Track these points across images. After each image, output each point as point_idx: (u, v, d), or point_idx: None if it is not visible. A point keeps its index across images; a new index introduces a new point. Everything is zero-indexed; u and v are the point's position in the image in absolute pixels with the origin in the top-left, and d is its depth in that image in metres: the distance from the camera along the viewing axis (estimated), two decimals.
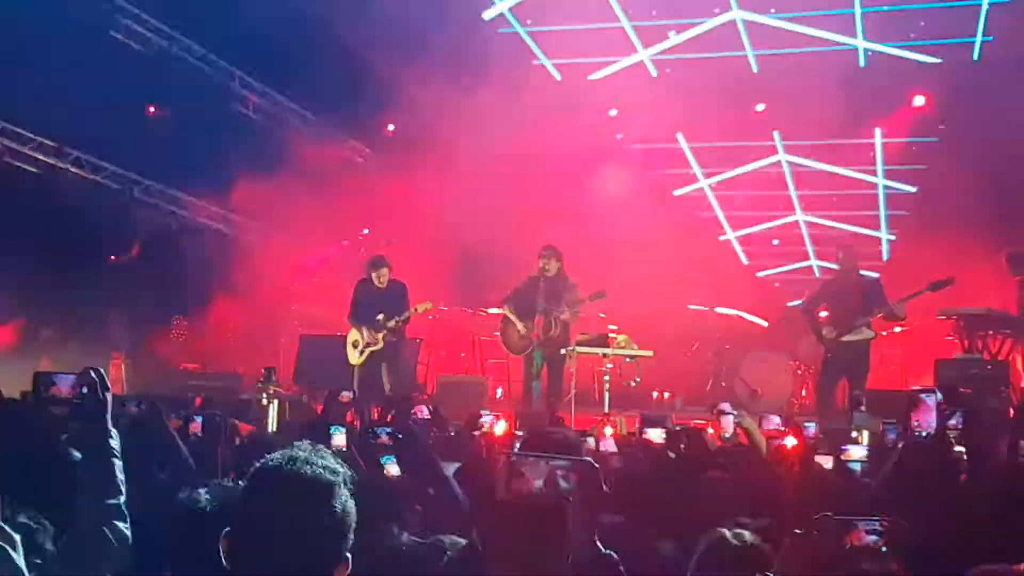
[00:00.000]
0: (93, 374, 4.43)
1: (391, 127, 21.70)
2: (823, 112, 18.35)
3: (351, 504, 3.03)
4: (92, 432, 4.35)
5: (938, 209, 18.41)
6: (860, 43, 17.90)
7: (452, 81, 18.09)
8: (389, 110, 20.78)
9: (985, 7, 16.34)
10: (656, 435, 8.42)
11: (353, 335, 14.29)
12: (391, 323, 13.92)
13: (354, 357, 14.19)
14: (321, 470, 3.00)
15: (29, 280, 15.24)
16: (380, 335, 13.95)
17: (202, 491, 3.88)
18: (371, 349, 14.05)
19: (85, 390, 4.43)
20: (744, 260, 24.38)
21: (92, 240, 17.60)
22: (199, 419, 7.29)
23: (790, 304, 21.85)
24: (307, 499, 2.96)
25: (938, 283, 12.74)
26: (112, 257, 18.72)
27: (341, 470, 3.05)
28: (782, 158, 21.40)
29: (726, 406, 8.87)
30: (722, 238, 23.95)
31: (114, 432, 4.35)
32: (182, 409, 8.48)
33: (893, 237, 22.46)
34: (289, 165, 18.66)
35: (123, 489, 4.23)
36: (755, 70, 18.89)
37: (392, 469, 6.28)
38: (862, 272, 14.45)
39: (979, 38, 17.14)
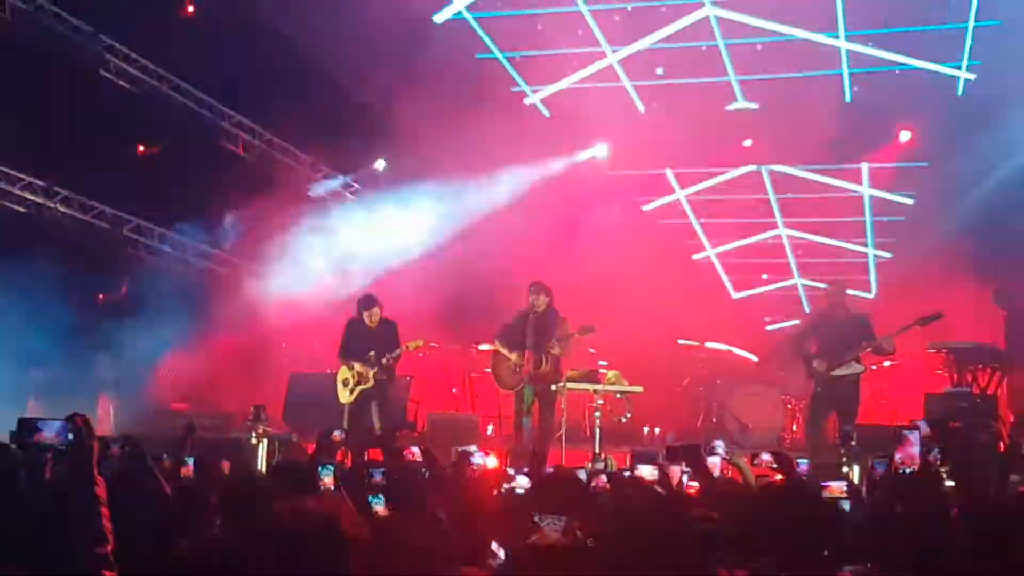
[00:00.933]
0: (78, 420, 4.40)
1: (381, 164, 21.74)
2: (810, 147, 18.47)
3: None
4: (78, 480, 4.31)
5: (926, 243, 18.48)
6: (845, 72, 17.94)
7: (441, 117, 18.12)
8: (379, 146, 20.82)
9: (969, 43, 16.42)
10: (648, 472, 8.39)
11: (343, 373, 14.24)
12: (383, 361, 13.87)
13: (344, 395, 14.13)
14: None
15: (18, 319, 15.21)
16: (371, 373, 13.89)
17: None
18: (362, 387, 13.98)
19: (70, 436, 4.39)
20: (731, 290, 24.44)
21: (81, 279, 17.58)
22: (190, 461, 7.27)
23: (770, 328, 21.97)
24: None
25: (927, 318, 12.76)
26: (101, 296, 18.70)
27: None
28: (768, 188, 21.48)
29: (718, 444, 8.80)
30: (699, 256, 23.92)
31: (100, 480, 4.31)
32: (171, 449, 8.44)
33: (889, 254, 22.43)
34: (279, 202, 18.69)
35: (110, 538, 4.19)
36: (742, 106, 18.92)
37: (380, 508, 6.26)
38: (851, 297, 14.45)
39: (963, 73, 17.20)
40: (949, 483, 6.86)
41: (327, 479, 6.96)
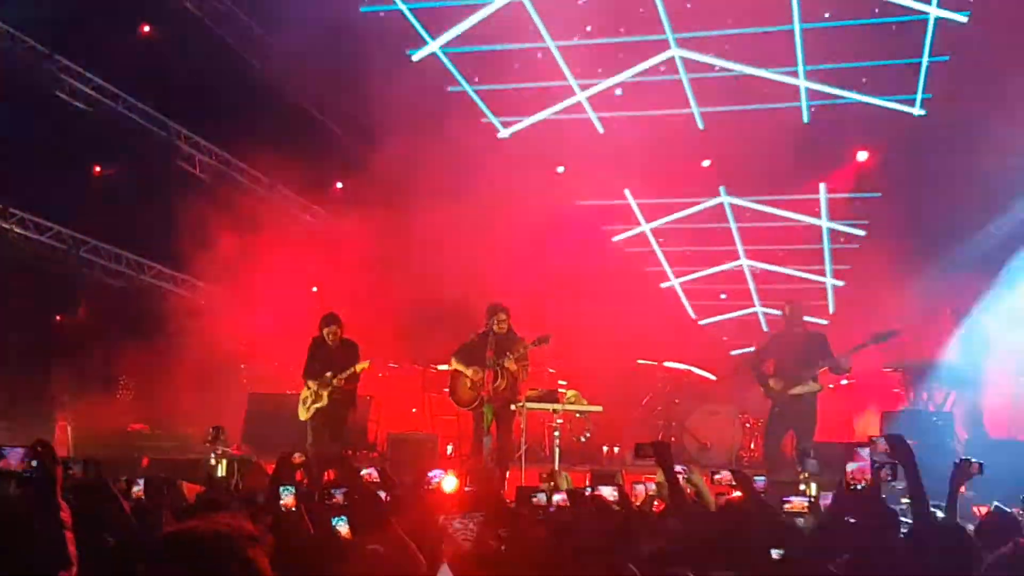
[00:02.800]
0: (40, 448, 4.41)
1: (339, 185, 21.73)
2: (768, 168, 18.58)
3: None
4: (42, 506, 4.32)
5: (883, 260, 18.61)
6: (803, 100, 18.10)
7: (400, 139, 18.15)
8: (338, 168, 20.81)
9: (925, 65, 16.59)
10: (608, 492, 8.44)
11: (304, 392, 14.26)
12: (335, 380, 13.90)
13: (303, 413, 14.15)
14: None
15: None
16: (324, 392, 13.92)
17: None
18: (316, 406, 14.01)
19: (34, 463, 4.40)
20: (692, 314, 24.58)
21: (38, 301, 17.48)
22: (141, 482, 7.24)
23: (734, 352, 22.06)
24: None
25: (881, 335, 12.83)
26: (58, 317, 18.59)
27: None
28: (730, 218, 21.65)
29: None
30: (664, 285, 24.10)
31: (64, 505, 4.33)
32: (127, 471, 8.41)
33: (841, 283, 22.70)
34: (237, 223, 18.63)
35: (74, 561, 4.20)
36: (701, 127, 19.03)
37: (343, 529, 6.26)
38: (807, 320, 14.50)
39: (919, 95, 17.38)
40: (905, 500, 6.92)
41: (287, 499, 6.96)
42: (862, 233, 21.15)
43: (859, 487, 6.21)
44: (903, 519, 6.60)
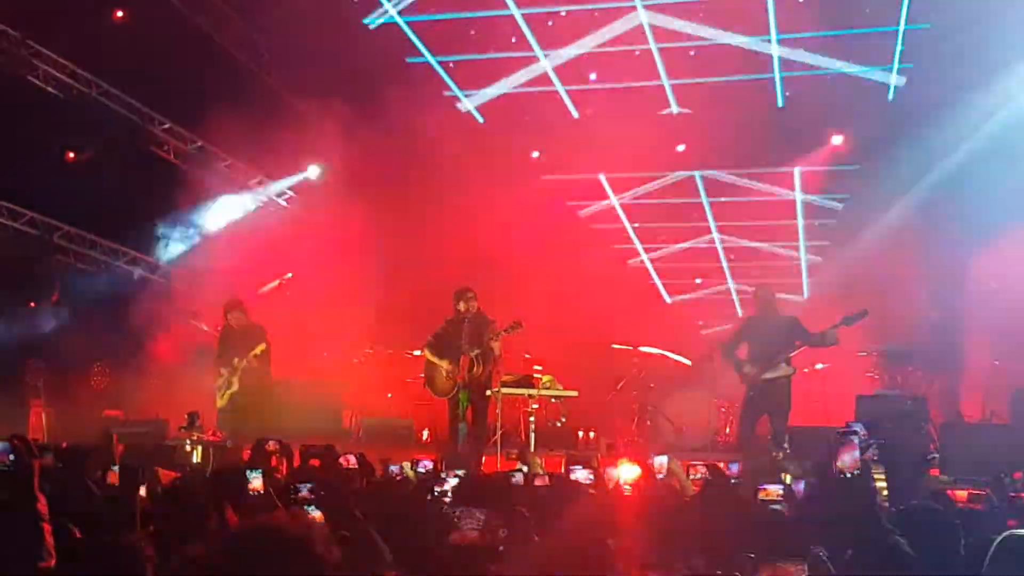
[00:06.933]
0: (17, 442, 4.42)
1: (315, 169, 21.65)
2: (743, 152, 18.59)
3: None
4: (20, 499, 4.33)
5: (856, 246, 18.65)
6: (777, 76, 18.05)
7: (375, 124, 18.11)
8: (312, 153, 20.73)
9: (899, 48, 16.60)
10: (583, 476, 8.47)
11: (217, 379, 14.44)
12: (240, 365, 14.06)
13: (219, 400, 14.33)
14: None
15: None
16: (235, 378, 14.07)
17: None
18: (228, 392, 14.17)
19: (12, 457, 4.42)
20: (663, 292, 24.60)
21: (11, 286, 17.39)
22: (116, 468, 7.22)
23: (706, 332, 22.10)
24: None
25: (851, 317, 12.82)
26: (31, 303, 18.50)
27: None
28: (701, 192, 21.62)
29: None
30: (633, 261, 24.06)
31: (41, 497, 4.33)
32: (102, 459, 8.37)
33: (819, 259, 22.65)
34: (210, 209, 18.57)
35: (53, 553, 4.20)
36: (675, 111, 19.02)
37: (315, 514, 6.26)
38: (781, 297, 14.52)
39: (893, 79, 17.37)
40: (881, 484, 6.95)
41: (256, 483, 6.96)
42: (840, 206, 21.07)
43: (848, 476, 6.19)
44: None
